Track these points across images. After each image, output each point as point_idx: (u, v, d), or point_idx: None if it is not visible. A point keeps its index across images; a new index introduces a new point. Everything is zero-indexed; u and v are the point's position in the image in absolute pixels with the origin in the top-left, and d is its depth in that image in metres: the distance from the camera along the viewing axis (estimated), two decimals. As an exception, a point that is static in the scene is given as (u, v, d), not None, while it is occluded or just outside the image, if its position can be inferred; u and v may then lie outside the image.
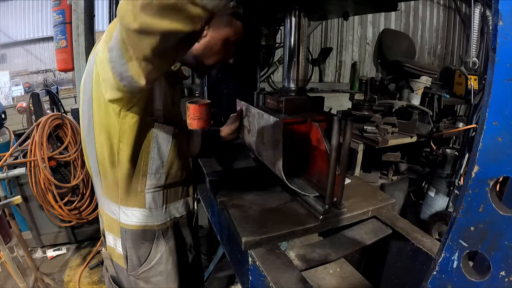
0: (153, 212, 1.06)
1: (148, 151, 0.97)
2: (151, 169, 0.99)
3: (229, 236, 1.25)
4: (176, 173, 1.07)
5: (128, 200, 1.02)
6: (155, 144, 0.97)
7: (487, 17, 4.43)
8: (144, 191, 1.01)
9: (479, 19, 4.54)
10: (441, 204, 2.86)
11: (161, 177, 1.03)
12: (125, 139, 0.90)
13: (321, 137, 1.09)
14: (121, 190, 1.00)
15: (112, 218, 1.07)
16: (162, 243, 1.09)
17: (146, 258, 1.07)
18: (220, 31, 0.98)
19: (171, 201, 1.11)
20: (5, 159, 2.27)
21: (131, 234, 1.05)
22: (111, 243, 1.12)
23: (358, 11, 1.48)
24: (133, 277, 1.09)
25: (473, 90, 3.06)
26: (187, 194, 1.18)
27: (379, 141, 2.65)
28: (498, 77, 0.44)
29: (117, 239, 1.08)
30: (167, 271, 1.11)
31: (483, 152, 0.47)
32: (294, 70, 1.33)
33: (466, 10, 5.84)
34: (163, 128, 0.97)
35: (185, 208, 1.17)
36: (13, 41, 10.58)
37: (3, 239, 2.01)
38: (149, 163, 0.98)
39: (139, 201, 1.02)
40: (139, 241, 1.06)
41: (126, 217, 1.04)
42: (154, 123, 0.95)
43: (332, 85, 5.03)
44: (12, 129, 3.30)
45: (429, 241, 1.08)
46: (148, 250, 1.07)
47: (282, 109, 1.30)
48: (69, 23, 2.63)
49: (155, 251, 1.08)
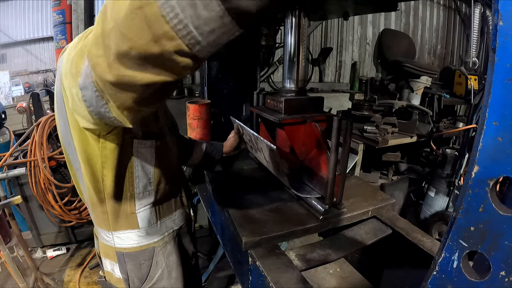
0: (148, 230, 1.00)
1: (131, 171, 0.91)
2: (138, 189, 0.94)
3: (229, 236, 1.24)
4: (166, 187, 1.02)
5: (120, 225, 0.97)
6: (137, 162, 0.91)
7: (487, 17, 4.44)
8: (134, 212, 0.96)
9: (479, 19, 4.54)
10: (441, 204, 2.86)
11: (150, 195, 0.97)
12: (107, 164, 0.84)
13: (320, 137, 1.09)
14: (111, 216, 0.95)
15: (106, 245, 1.03)
16: (161, 259, 1.05)
17: (147, 277, 1.03)
18: None
19: (166, 215, 1.06)
20: (5, 159, 2.27)
21: (129, 257, 1.00)
22: (108, 268, 1.08)
23: (358, 11, 1.48)
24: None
25: (473, 90, 3.06)
26: (181, 204, 1.13)
27: (379, 141, 2.65)
28: (498, 77, 0.44)
29: (114, 264, 1.04)
30: (171, 284, 1.07)
31: (483, 152, 0.47)
32: (294, 70, 1.33)
33: (466, 10, 5.84)
34: (143, 144, 0.90)
35: (182, 218, 1.13)
36: (13, 41, 10.57)
37: (3, 239, 2.01)
38: (134, 183, 0.93)
39: (131, 223, 0.97)
40: (139, 262, 1.01)
41: (121, 241, 0.99)
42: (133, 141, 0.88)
43: (332, 85, 5.03)
44: (12, 129, 3.29)
45: (429, 241, 1.08)
46: (148, 269, 1.03)
47: (281, 109, 1.30)
48: (69, 23, 2.63)
49: (155, 268, 1.03)
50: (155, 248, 1.03)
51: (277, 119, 1.25)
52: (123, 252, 1.00)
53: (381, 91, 4.21)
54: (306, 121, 1.20)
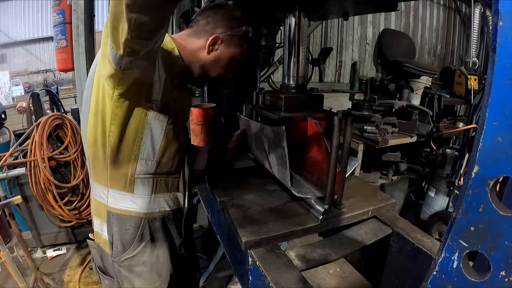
0: (141, 199, 1.07)
1: (141, 136, 1.00)
2: (142, 154, 1.02)
3: (229, 236, 1.25)
4: (167, 163, 1.09)
5: (118, 184, 1.04)
6: (148, 130, 1.00)
7: (487, 17, 4.44)
8: (134, 176, 1.03)
9: (479, 19, 4.54)
10: (441, 204, 2.86)
11: (152, 165, 1.05)
12: (116, 121, 0.94)
13: (321, 134, 1.09)
14: (111, 173, 1.02)
15: (99, 202, 1.09)
16: (147, 233, 1.09)
17: (130, 246, 1.08)
18: (230, 48, 1.09)
19: (160, 192, 1.11)
20: (5, 159, 2.27)
21: (117, 218, 1.06)
22: (98, 228, 1.13)
23: (358, 11, 1.48)
24: (117, 264, 1.10)
25: (473, 90, 3.06)
26: (177, 188, 1.18)
27: (379, 141, 2.65)
28: (498, 77, 0.44)
29: (103, 224, 1.09)
30: (151, 263, 1.11)
31: (483, 152, 0.47)
32: (294, 67, 1.34)
33: (466, 10, 5.84)
34: (157, 116, 1.00)
35: (174, 203, 1.17)
36: (13, 41, 10.57)
37: (3, 239, 2.01)
38: (141, 148, 1.01)
39: (128, 186, 1.04)
40: (125, 226, 1.06)
41: (114, 201, 1.05)
42: (149, 110, 0.98)
43: (332, 85, 5.03)
44: (12, 129, 3.29)
45: (429, 241, 1.08)
46: (132, 238, 1.07)
47: (281, 106, 1.30)
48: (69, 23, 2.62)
49: (139, 239, 1.08)
50: (143, 219, 1.08)
51: (277, 116, 1.25)
52: (112, 212, 1.06)
53: (381, 91, 4.20)
54: (307, 118, 1.20)
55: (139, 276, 1.11)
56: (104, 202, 1.07)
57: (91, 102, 0.98)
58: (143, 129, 0.99)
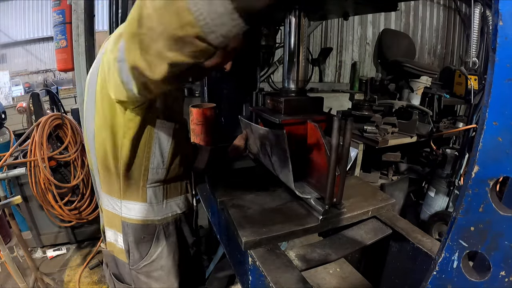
0: (154, 206, 1.08)
1: (150, 146, 1.00)
2: (152, 164, 1.03)
3: (229, 236, 1.25)
4: (176, 169, 1.10)
5: (130, 195, 1.05)
6: (156, 140, 1.01)
7: (487, 17, 4.43)
8: (146, 186, 1.05)
9: (479, 19, 4.53)
10: (441, 204, 2.86)
11: (162, 173, 1.06)
12: (128, 134, 0.94)
13: (320, 137, 1.09)
14: (123, 185, 1.03)
15: (113, 213, 1.09)
16: (162, 238, 1.11)
17: (147, 253, 1.09)
18: None
19: (172, 196, 1.13)
20: (5, 159, 2.27)
21: (133, 228, 1.07)
22: (112, 239, 1.13)
23: (358, 11, 1.48)
24: (135, 271, 1.11)
25: (473, 90, 3.06)
26: (187, 190, 1.20)
27: (379, 141, 2.65)
28: (498, 77, 0.44)
29: (118, 234, 1.10)
30: (168, 267, 1.12)
31: (483, 152, 0.47)
32: (294, 70, 1.33)
33: (466, 10, 5.84)
34: (164, 124, 1.01)
35: (185, 205, 1.19)
36: (13, 41, 10.57)
37: (3, 239, 2.01)
38: (150, 158, 1.02)
39: (140, 196, 1.05)
40: (140, 235, 1.08)
41: (128, 211, 1.06)
42: (156, 120, 0.98)
43: (332, 85, 5.03)
44: (12, 129, 3.30)
45: (429, 241, 1.08)
46: (149, 245, 1.09)
47: (281, 109, 1.30)
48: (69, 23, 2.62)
49: (155, 245, 1.10)
50: (157, 226, 1.10)
51: (277, 120, 1.25)
52: (127, 223, 1.07)
53: (381, 91, 4.20)
54: (306, 121, 1.20)
55: (157, 281, 1.12)
56: (118, 213, 1.08)
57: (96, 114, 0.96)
58: (151, 139, 1.00)
